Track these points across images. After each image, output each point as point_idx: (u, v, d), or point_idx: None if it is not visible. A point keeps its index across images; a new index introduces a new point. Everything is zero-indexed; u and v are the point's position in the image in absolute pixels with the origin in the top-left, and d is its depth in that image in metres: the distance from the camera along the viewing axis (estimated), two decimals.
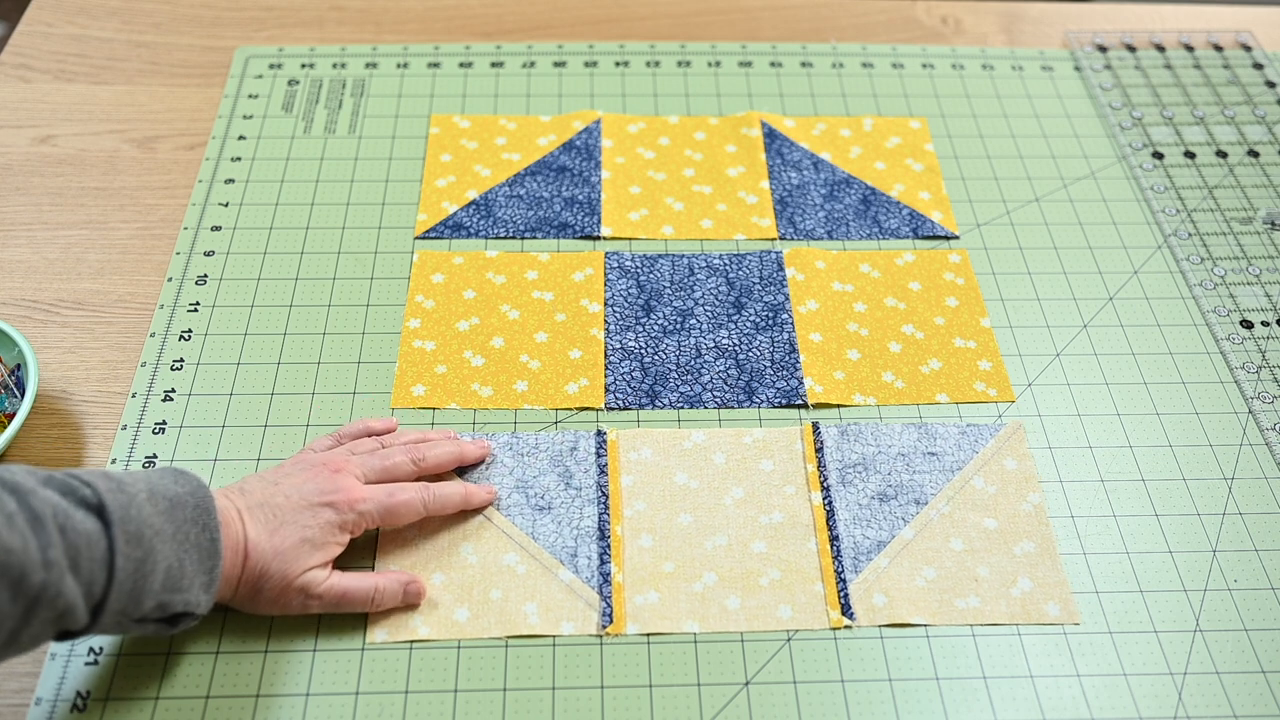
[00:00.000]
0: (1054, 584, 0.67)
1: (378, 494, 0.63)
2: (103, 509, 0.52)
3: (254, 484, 0.62)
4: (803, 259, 0.84)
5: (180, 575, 0.55)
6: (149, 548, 0.53)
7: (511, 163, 0.91)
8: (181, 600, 0.55)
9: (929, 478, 0.72)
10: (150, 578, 0.53)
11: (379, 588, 0.62)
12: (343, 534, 0.62)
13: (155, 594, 0.54)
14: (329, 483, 0.62)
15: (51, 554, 0.49)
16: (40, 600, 0.49)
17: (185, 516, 0.56)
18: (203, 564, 0.56)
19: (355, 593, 0.62)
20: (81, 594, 0.51)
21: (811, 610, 0.65)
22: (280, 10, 1.04)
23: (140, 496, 0.54)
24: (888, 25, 1.06)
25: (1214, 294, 0.84)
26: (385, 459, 0.66)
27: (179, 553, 0.55)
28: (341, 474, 0.63)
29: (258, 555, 0.59)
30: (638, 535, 0.68)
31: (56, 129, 0.93)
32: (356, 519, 0.62)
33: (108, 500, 0.52)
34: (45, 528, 0.49)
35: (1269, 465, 0.73)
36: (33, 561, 0.48)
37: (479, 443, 0.71)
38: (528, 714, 0.61)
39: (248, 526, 0.60)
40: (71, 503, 0.52)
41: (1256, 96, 1.00)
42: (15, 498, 0.50)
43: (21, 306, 0.80)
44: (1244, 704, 0.62)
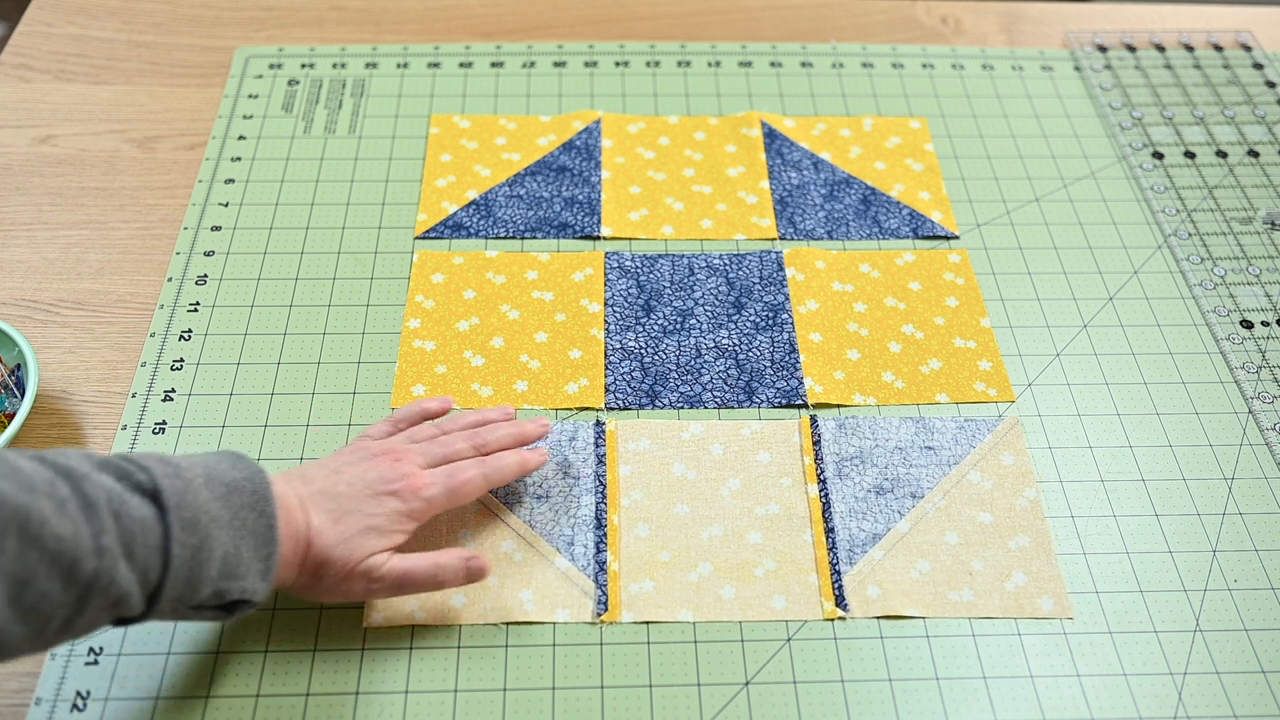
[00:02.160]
0: (1048, 579, 0.67)
1: (440, 478, 0.63)
2: (158, 494, 0.51)
3: (314, 471, 0.61)
4: (803, 259, 0.84)
5: (237, 562, 0.53)
6: (205, 534, 0.52)
7: (511, 163, 0.91)
8: (238, 588, 0.54)
9: (926, 471, 0.72)
10: (207, 565, 0.52)
11: (440, 564, 0.61)
12: (409, 522, 0.61)
13: (212, 581, 0.52)
14: (392, 471, 0.62)
15: (105, 541, 0.48)
16: (93, 588, 0.48)
17: (242, 502, 0.54)
18: (259, 551, 0.55)
19: (416, 572, 0.61)
20: (136, 581, 0.50)
21: (805, 601, 0.66)
22: (280, 10, 1.04)
23: (197, 482, 0.53)
24: (888, 25, 1.06)
25: (1214, 294, 0.84)
26: (446, 446, 0.65)
27: (235, 539, 0.53)
28: (403, 462, 0.63)
29: (321, 543, 0.58)
30: (634, 525, 0.69)
31: (56, 129, 0.93)
32: (423, 506, 0.62)
33: (163, 485, 0.51)
34: (99, 514, 0.48)
35: (1269, 465, 0.73)
36: (85, 549, 0.47)
37: (537, 421, 0.69)
38: (528, 714, 0.61)
39: (310, 514, 0.59)
40: (126, 488, 0.51)
41: (1256, 96, 1.00)
42: (69, 483, 0.48)
43: (21, 306, 0.80)
44: (1244, 704, 0.62)
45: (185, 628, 0.63)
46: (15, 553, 0.45)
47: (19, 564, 0.45)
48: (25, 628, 0.47)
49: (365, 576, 0.59)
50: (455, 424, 0.68)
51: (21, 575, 0.46)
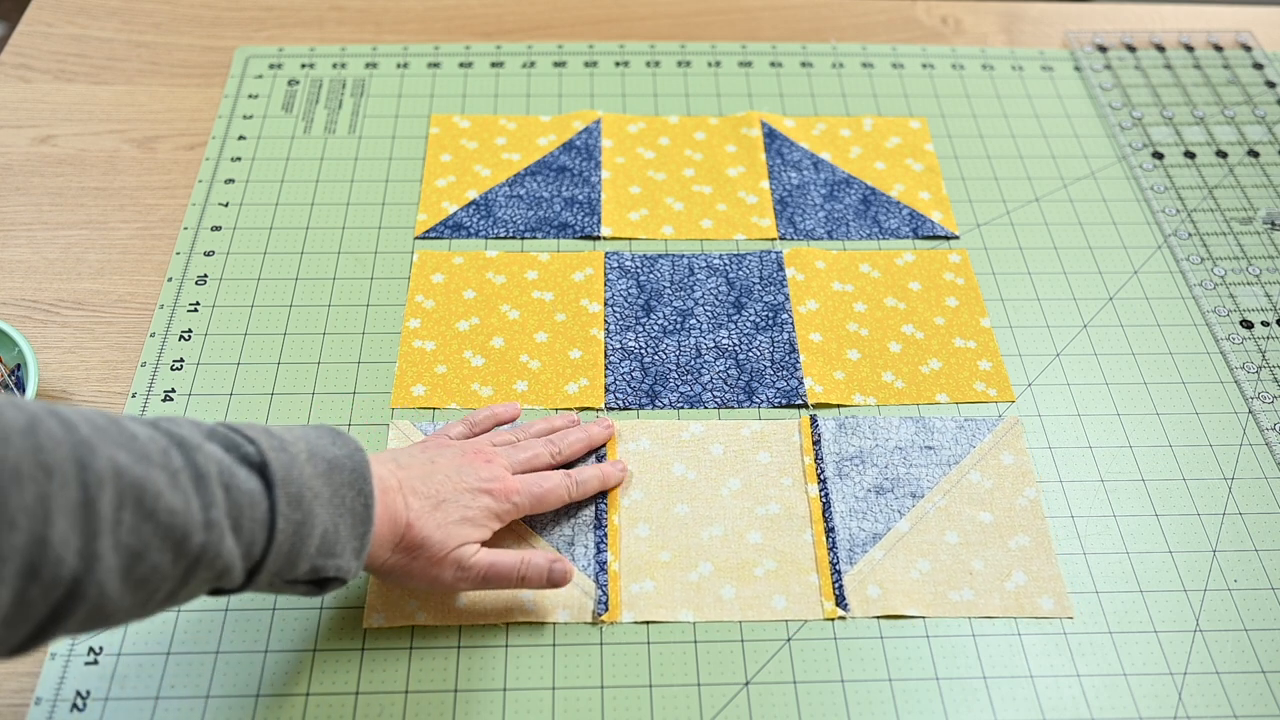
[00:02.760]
0: (1048, 578, 0.67)
1: (529, 484, 0.65)
2: (265, 468, 0.51)
3: (409, 459, 0.62)
4: (803, 259, 0.84)
5: (335, 540, 0.54)
6: (308, 510, 0.52)
7: (511, 163, 0.91)
8: (334, 565, 0.54)
9: (926, 471, 0.72)
10: (307, 541, 0.52)
11: (526, 561, 0.62)
12: (497, 521, 0.63)
13: (310, 557, 0.53)
14: (486, 470, 0.63)
15: (214, 514, 0.48)
16: (200, 560, 0.48)
17: (342, 480, 0.54)
18: (356, 529, 0.55)
19: (503, 565, 0.62)
20: (240, 555, 0.50)
21: (806, 601, 0.66)
22: (280, 10, 1.04)
23: (300, 457, 0.53)
24: (888, 25, 1.06)
25: (1214, 294, 0.84)
26: (526, 451, 0.67)
27: (335, 517, 0.54)
28: (494, 464, 0.64)
29: (420, 525, 0.59)
30: (635, 525, 0.69)
31: (56, 129, 0.93)
32: (511, 509, 0.63)
33: (271, 459, 0.51)
34: (209, 486, 0.48)
35: (1269, 465, 0.73)
36: (195, 522, 0.47)
37: (602, 423, 0.72)
38: (528, 714, 0.61)
39: (409, 498, 0.59)
40: (235, 459, 0.50)
41: (1256, 96, 1.00)
42: (182, 453, 0.48)
43: (21, 306, 0.80)
44: (1244, 704, 0.62)
45: (185, 626, 0.63)
46: (131, 526, 0.45)
47: (134, 537, 0.45)
48: (134, 598, 0.47)
49: (456, 564, 0.60)
50: (527, 432, 0.70)
51: (136, 548, 0.45)
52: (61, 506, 0.43)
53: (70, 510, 0.43)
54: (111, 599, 0.45)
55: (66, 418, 0.45)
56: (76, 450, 0.44)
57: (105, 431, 0.46)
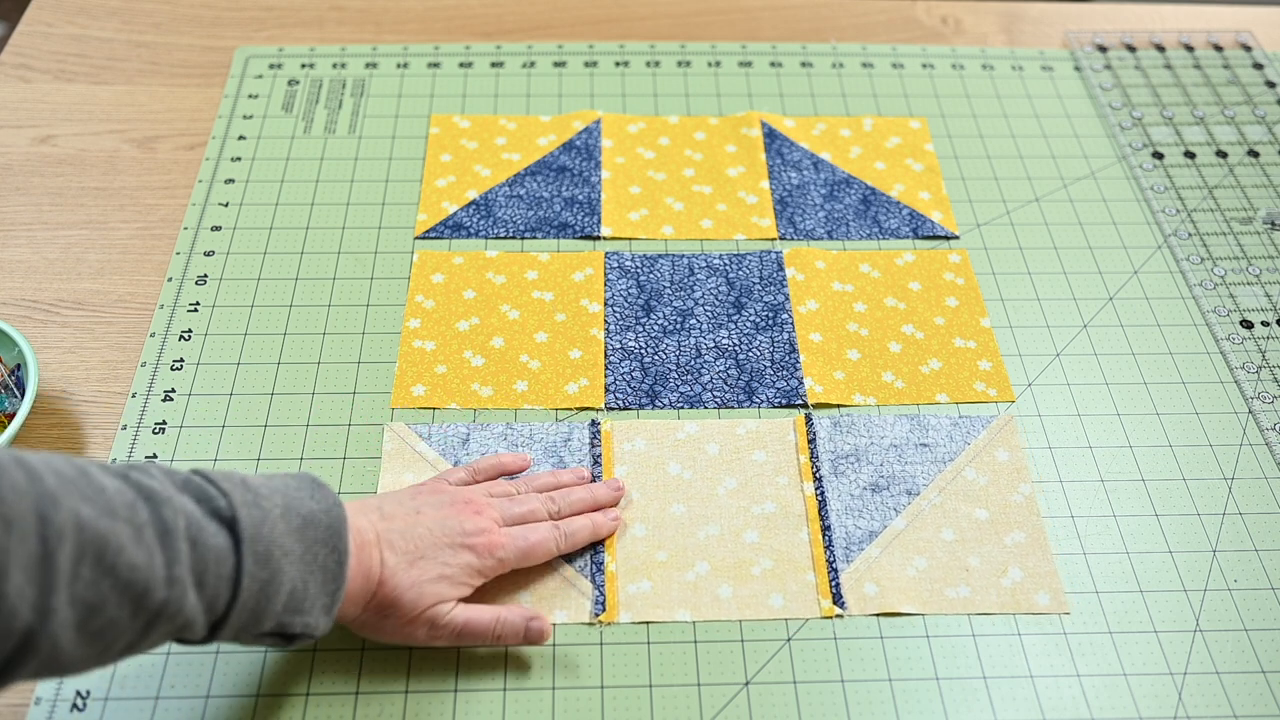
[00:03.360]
0: (1044, 574, 0.67)
1: (516, 540, 0.63)
2: (235, 524, 0.51)
3: (394, 508, 0.61)
4: (803, 259, 0.84)
5: (303, 597, 0.53)
6: (276, 568, 0.51)
7: (511, 163, 0.91)
8: (301, 622, 0.54)
9: (921, 469, 0.72)
10: (274, 599, 0.52)
11: (501, 619, 0.61)
12: (479, 577, 0.61)
13: (276, 615, 0.52)
14: (472, 524, 0.62)
15: (177, 570, 0.48)
16: (161, 615, 0.48)
17: (316, 537, 0.54)
18: (326, 586, 0.54)
19: (477, 624, 0.60)
20: (203, 610, 0.50)
21: (803, 599, 0.66)
22: (280, 10, 1.04)
23: (274, 513, 0.52)
24: (888, 25, 1.06)
25: (1214, 294, 0.84)
26: (522, 506, 0.65)
27: (305, 574, 0.53)
28: (483, 516, 0.62)
29: (393, 583, 0.58)
30: (631, 525, 0.69)
31: (56, 129, 0.93)
32: (495, 565, 0.62)
33: (241, 515, 0.51)
34: (174, 542, 0.48)
35: (1269, 465, 0.73)
36: (157, 578, 0.47)
37: (611, 484, 0.69)
38: (528, 714, 0.61)
39: (385, 554, 0.58)
40: (205, 513, 0.50)
41: (1256, 96, 1.00)
42: (149, 506, 0.48)
43: (21, 306, 0.80)
44: (1244, 704, 0.62)
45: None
46: (90, 580, 0.45)
47: (92, 591, 0.45)
48: (89, 649, 0.47)
49: (430, 624, 0.59)
50: (531, 485, 0.68)
51: (93, 602, 0.45)
52: (18, 560, 0.43)
53: (27, 564, 0.43)
54: (65, 651, 0.45)
55: (32, 467, 0.45)
56: (39, 503, 0.44)
57: (72, 483, 0.46)
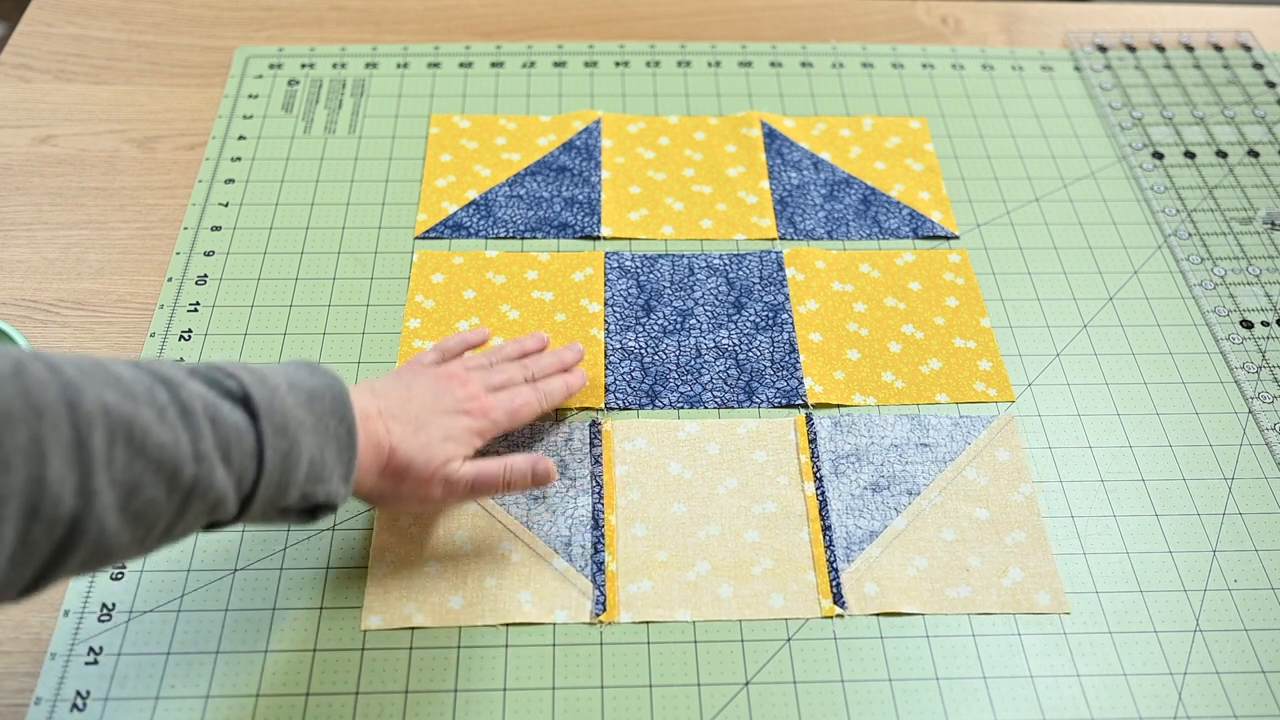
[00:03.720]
0: (1044, 574, 0.67)
1: (503, 402, 0.67)
2: (248, 400, 0.52)
3: (384, 388, 0.64)
4: (803, 259, 0.84)
5: (322, 466, 0.55)
6: (294, 439, 0.53)
7: (511, 163, 0.91)
8: (323, 491, 0.55)
9: (921, 468, 0.72)
10: (296, 469, 0.53)
11: (510, 466, 0.64)
12: (478, 439, 0.65)
13: (299, 485, 0.54)
14: (462, 392, 0.65)
15: (203, 446, 0.49)
16: (194, 493, 0.49)
17: (324, 409, 0.56)
18: (341, 455, 0.56)
19: (488, 474, 0.64)
20: (233, 486, 0.51)
21: (803, 599, 0.66)
22: (280, 10, 1.04)
23: (282, 389, 0.54)
24: (888, 25, 1.06)
25: (1214, 294, 0.84)
26: (500, 375, 0.69)
27: (320, 443, 0.55)
28: (468, 386, 0.66)
29: (404, 449, 0.61)
30: (631, 524, 0.69)
31: (56, 129, 0.93)
32: (489, 426, 0.65)
33: (253, 392, 0.52)
34: (196, 420, 0.49)
35: (1269, 465, 0.73)
36: (185, 455, 0.48)
37: (572, 347, 0.74)
38: (528, 714, 0.61)
39: (390, 425, 0.61)
40: (218, 394, 0.52)
41: (1256, 96, 1.00)
42: (166, 389, 0.49)
43: (21, 306, 0.80)
44: (1244, 704, 0.62)
45: (185, 626, 0.63)
46: (124, 461, 0.46)
47: (128, 472, 0.46)
48: (132, 532, 0.48)
49: (444, 481, 0.62)
50: (500, 355, 0.72)
51: (130, 483, 0.46)
52: (55, 446, 0.44)
53: (64, 449, 0.44)
54: (111, 534, 0.46)
55: (52, 361, 0.46)
56: (64, 391, 0.45)
57: (90, 373, 0.47)
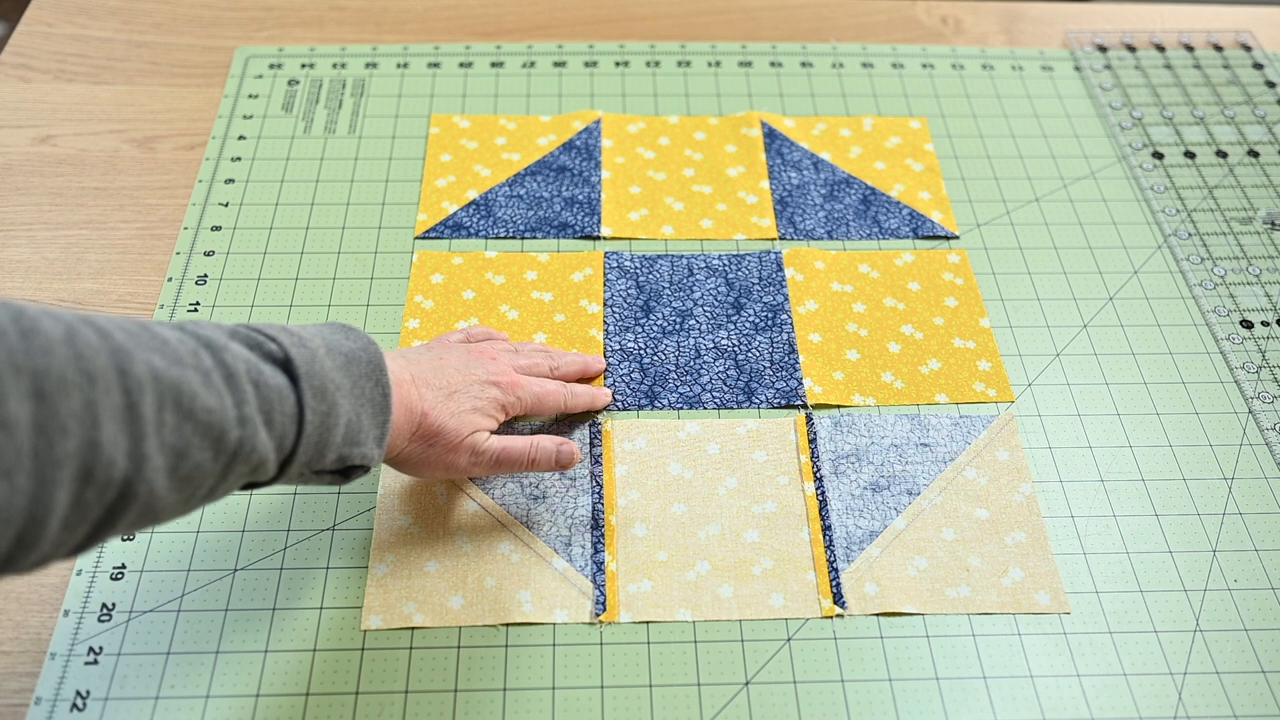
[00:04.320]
0: (1045, 574, 0.67)
1: (531, 384, 0.68)
2: (289, 363, 0.53)
3: (417, 355, 0.65)
4: (802, 259, 0.84)
5: (358, 429, 0.56)
6: (332, 402, 0.54)
7: (511, 163, 0.91)
8: (359, 453, 0.56)
9: (921, 468, 0.72)
10: (334, 431, 0.54)
11: (535, 445, 0.66)
12: (503, 413, 0.66)
13: (337, 447, 0.55)
14: (493, 365, 0.67)
15: (247, 410, 0.50)
16: (238, 455, 0.50)
17: (361, 372, 0.56)
18: (376, 418, 0.57)
19: (514, 449, 0.65)
20: (274, 448, 0.51)
21: (803, 599, 0.66)
22: (280, 10, 1.04)
23: (320, 351, 0.55)
24: (888, 25, 1.06)
25: (1214, 294, 0.84)
26: (527, 358, 0.71)
27: (357, 407, 0.56)
28: (498, 361, 0.68)
29: (435, 414, 0.62)
30: (631, 524, 0.69)
31: (56, 129, 0.93)
32: (515, 401, 0.67)
33: (294, 355, 0.53)
34: (239, 384, 0.50)
35: (1269, 465, 0.73)
36: (230, 419, 0.49)
37: (599, 358, 0.76)
38: (528, 714, 0.61)
39: (421, 390, 0.62)
40: (260, 357, 0.52)
41: (1256, 96, 1.00)
42: (210, 353, 0.49)
43: None
44: (1244, 704, 0.62)
45: (185, 626, 0.63)
46: (174, 426, 0.47)
47: (177, 436, 0.47)
48: (179, 494, 0.48)
49: (471, 449, 0.64)
50: (529, 345, 0.74)
51: (180, 447, 0.47)
52: (107, 411, 0.44)
53: (116, 414, 0.45)
54: (160, 497, 0.47)
55: (100, 326, 0.46)
56: (115, 357, 0.45)
57: (137, 337, 0.47)
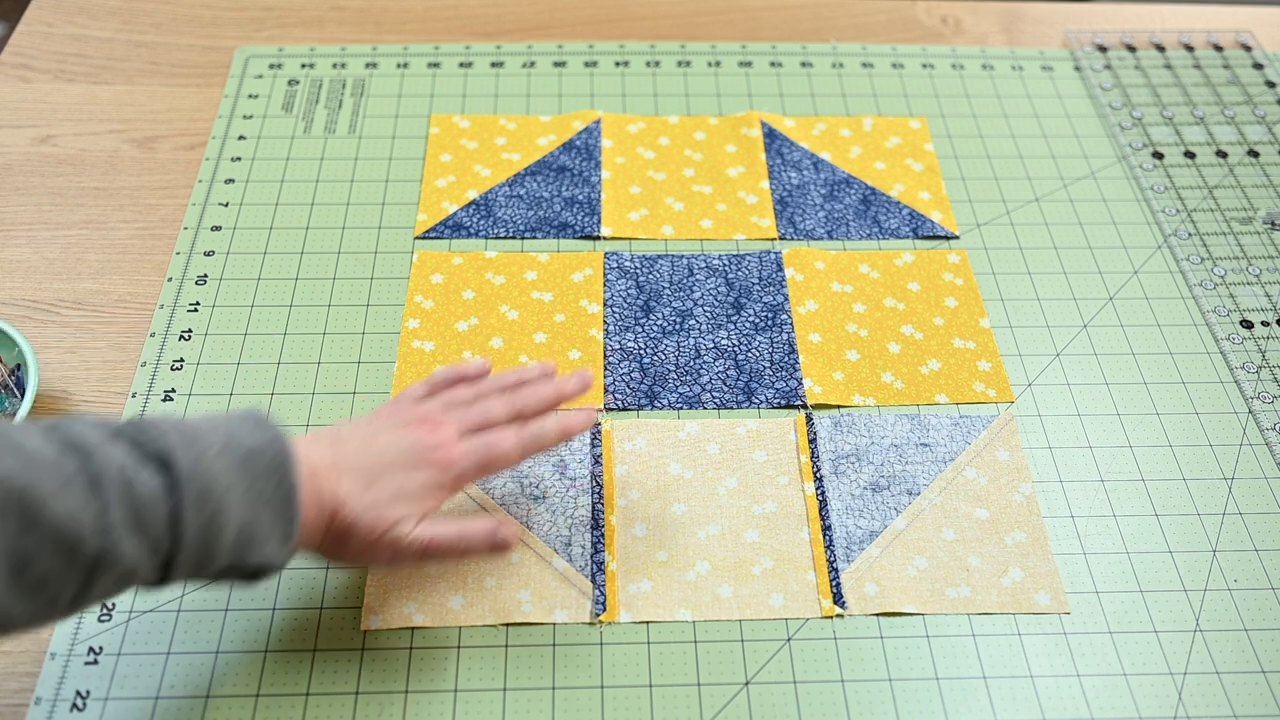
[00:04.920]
0: (1044, 574, 0.67)
1: (475, 450, 0.61)
2: (171, 464, 0.50)
3: (348, 434, 0.61)
4: (802, 259, 0.84)
5: (254, 531, 0.53)
6: (218, 506, 0.51)
7: (511, 163, 0.91)
8: (257, 556, 0.53)
9: (921, 468, 0.72)
10: (222, 535, 0.51)
11: (466, 533, 0.60)
12: (439, 493, 0.60)
13: (228, 551, 0.52)
14: (428, 439, 0.61)
15: (110, 518, 0.47)
16: (99, 565, 0.48)
17: (260, 470, 0.53)
18: (279, 519, 0.54)
19: (441, 541, 0.59)
20: (147, 554, 0.49)
21: (804, 599, 0.66)
22: (280, 10, 1.04)
23: (212, 450, 0.52)
24: (888, 25, 1.06)
25: (1214, 294, 0.84)
26: (483, 413, 0.63)
27: (253, 509, 0.53)
28: (439, 430, 0.61)
29: (348, 509, 0.57)
30: (631, 524, 0.69)
31: (56, 129, 0.93)
32: (454, 479, 0.61)
33: (178, 456, 0.50)
34: (104, 490, 0.48)
35: (1269, 465, 0.73)
36: (87, 526, 0.47)
37: (579, 375, 0.66)
38: (528, 714, 0.61)
39: (340, 480, 0.58)
40: (139, 457, 0.50)
41: (1256, 96, 1.00)
42: (77, 457, 0.48)
43: (21, 306, 0.80)
44: (1244, 704, 0.62)
45: (185, 626, 0.63)
46: (14, 532, 0.45)
47: (18, 544, 0.45)
48: (30, 605, 0.47)
49: (392, 545, 0.58)
50: (493, 386, 0.66)
51: (21, 555, 0.45)
52: None
53: None
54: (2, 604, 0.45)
55: None
56: None
57: None
